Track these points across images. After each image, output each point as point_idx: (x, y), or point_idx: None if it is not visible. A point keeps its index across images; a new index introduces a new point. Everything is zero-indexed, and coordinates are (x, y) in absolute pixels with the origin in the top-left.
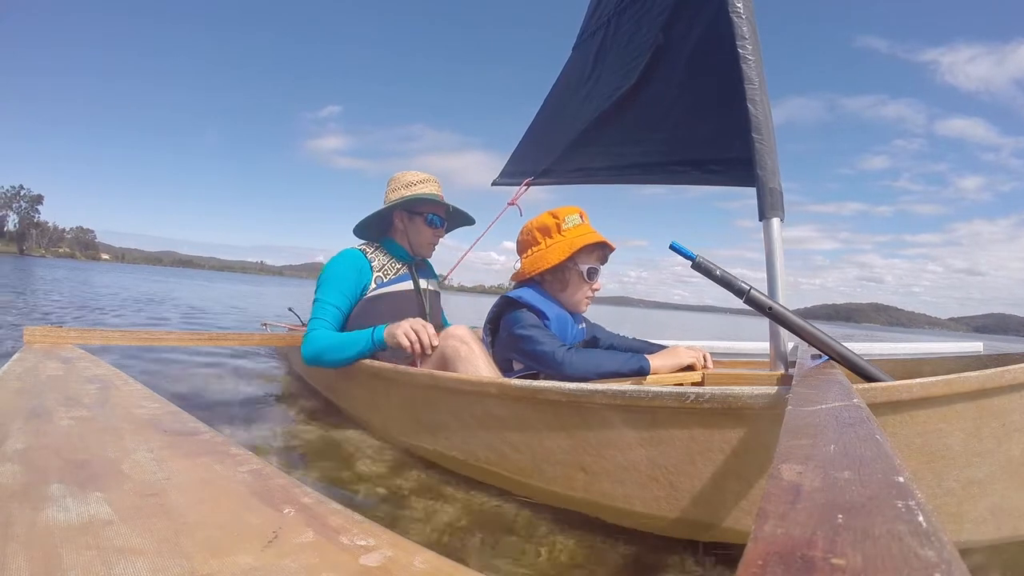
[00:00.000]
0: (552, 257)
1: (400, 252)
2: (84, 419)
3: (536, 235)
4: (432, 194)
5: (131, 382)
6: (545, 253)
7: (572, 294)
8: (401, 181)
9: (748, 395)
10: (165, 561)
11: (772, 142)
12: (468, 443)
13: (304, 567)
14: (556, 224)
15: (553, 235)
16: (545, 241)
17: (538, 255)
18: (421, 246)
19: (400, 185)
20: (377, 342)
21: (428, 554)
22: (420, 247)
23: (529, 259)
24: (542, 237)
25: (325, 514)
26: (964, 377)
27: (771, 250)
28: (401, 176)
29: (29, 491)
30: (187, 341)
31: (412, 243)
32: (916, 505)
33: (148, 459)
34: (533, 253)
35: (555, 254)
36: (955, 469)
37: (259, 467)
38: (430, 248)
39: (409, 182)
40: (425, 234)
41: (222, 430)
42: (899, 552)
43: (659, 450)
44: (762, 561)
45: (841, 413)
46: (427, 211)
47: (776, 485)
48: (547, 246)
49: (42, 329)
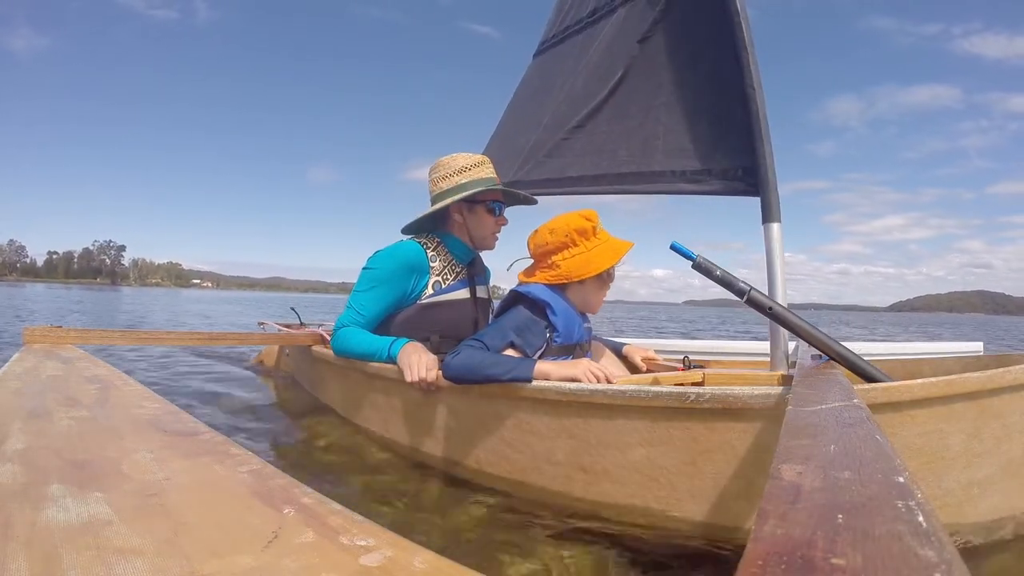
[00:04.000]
0: (602, 262)
1: (461, 249)
2: (84, 419)
3: (575, 237)
4: (490, 178)
5: (131, 382)
6: (590, 256)
7: (595, 296)
8: (451, 167)
9: (748, 395)
10: (165, 561)
11: (772, 150)
12: (468, 443)
13: (304, 567)
14: (592, 227)
15: (589, 238)
16: (585, 244)
17: (582, 259)
18: (485, 239)
19: (451, 171)
20: (392, 358)
21: (428, 554)
22: (484, 240)
23: (571, 261)
24: (581, 239)
25: (325, 514)
26: (964, 378)
27: (771, 253)
28: (450, 161)
29: (29, 491)
30: (186, 341)
31: (474, 236)
32: (916, 505)
33: (148, 459)
34: (573, 256)
35: (603, 259)
36: (955, 469)
37: (259, 467)
38: (494, 239)
39: (461, 167)
40: (488, 225)
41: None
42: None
43: (659, 450)
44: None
45: (841, 413)
46: (489, 199)
47: (776, 485)
48: (589, 249)
49: (42, 329)
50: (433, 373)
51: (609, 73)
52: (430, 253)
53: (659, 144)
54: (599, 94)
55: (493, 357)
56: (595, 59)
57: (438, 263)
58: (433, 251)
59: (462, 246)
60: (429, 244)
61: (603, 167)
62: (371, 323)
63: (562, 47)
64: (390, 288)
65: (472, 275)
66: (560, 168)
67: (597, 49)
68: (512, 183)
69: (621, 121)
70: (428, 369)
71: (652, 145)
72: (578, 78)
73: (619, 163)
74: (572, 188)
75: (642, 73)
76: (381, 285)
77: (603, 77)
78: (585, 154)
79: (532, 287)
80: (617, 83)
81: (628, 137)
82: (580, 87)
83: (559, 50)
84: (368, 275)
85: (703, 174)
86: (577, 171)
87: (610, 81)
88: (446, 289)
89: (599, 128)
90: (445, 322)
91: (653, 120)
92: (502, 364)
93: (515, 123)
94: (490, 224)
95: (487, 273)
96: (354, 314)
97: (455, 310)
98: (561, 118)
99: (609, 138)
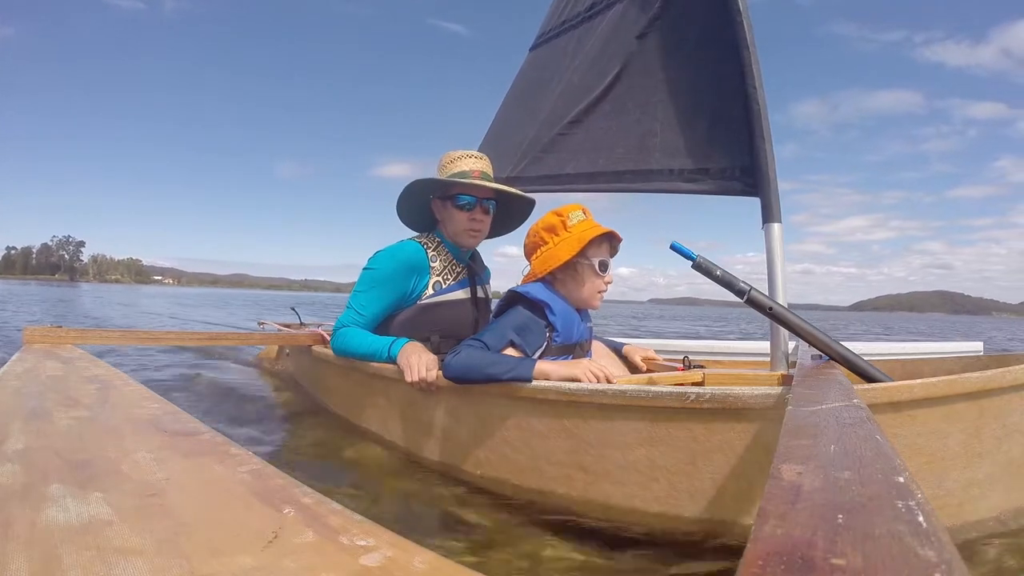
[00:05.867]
0: (562, 253)
1: (454, 249)
2: (84, 419)
3: (543, 235)
4: (462, 171)
5: (131, 382)
6: (554, 251)
7: (586, 289)
8: (442, 162)
9: (748, 395)
10: (165, 561)
11: (773, 150)
12: (468, 443)
13: (304, 567)
14: (561, 221)
15: (559, 232)
16: (552, 239)
17: (548, 254)
18: (458, 235)
19: (441, 166)
20: (392, 358)
21: (428, 554)
22: (457, 236)
23: (539, 259)
24: (549, 236)
25: (325, 514)
26: (965, 378)
27: (772, 253)
28: (445, 155)
29: (29, 491)
30: (186, 341)
31: (448, 232)
32: (916, 505)
33: (148, 459)
34: (542, 253)
35: (564, 250)
36: (955, 469)
37: (259, 467)
38: (467, 236)
39: (448, 160)
40: (459, 220)
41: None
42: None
43: (659, 450)
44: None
45: (841, 413)
46: (456, 192)
47: (776, 485)
48: (555, 244)
49: (42, 329)
50: (433, 373)
51: (607, 68)
52: (431, 253)
53: (656, 142)
54: (596, 89)
55: (493, 357)
56: (593, 53)
57: (438, 263)
58: (434, 251)
59: (451, 244)
60: (430, 244)
61: (600, 164)
62: (371, 323)
63: (559, 40)
64: (390, 288)
65: (472, 275)
66: (557, 164)
67: (595, 44)
68: (509, 180)
69: (619, 117)
70: (428, 369)
71: (649, 143)
72: (575, 73)
73: (616, 160)
74: (569, 186)
75: (640, 69)
76: (381, 285)
77: (601, 72)
78: (582, 150)
79: (530, 287)
80: (615, 78)
81: (626, 134)
82: (577, 82)
83: (556, 43)
84: (368, 275)
85: (700, 173)
86: (574, 168)
87: (607, 76)
88: (446, 289)
89: (596, 124)
90: (445, 322)
91: (651, 117)
92: (502, 364)
93: (511, 118)
94: (461, 220)
95: (487, 273)
96: (354, 314)
97: (455, 310)
98: (558, 113)
99: (607, 134)
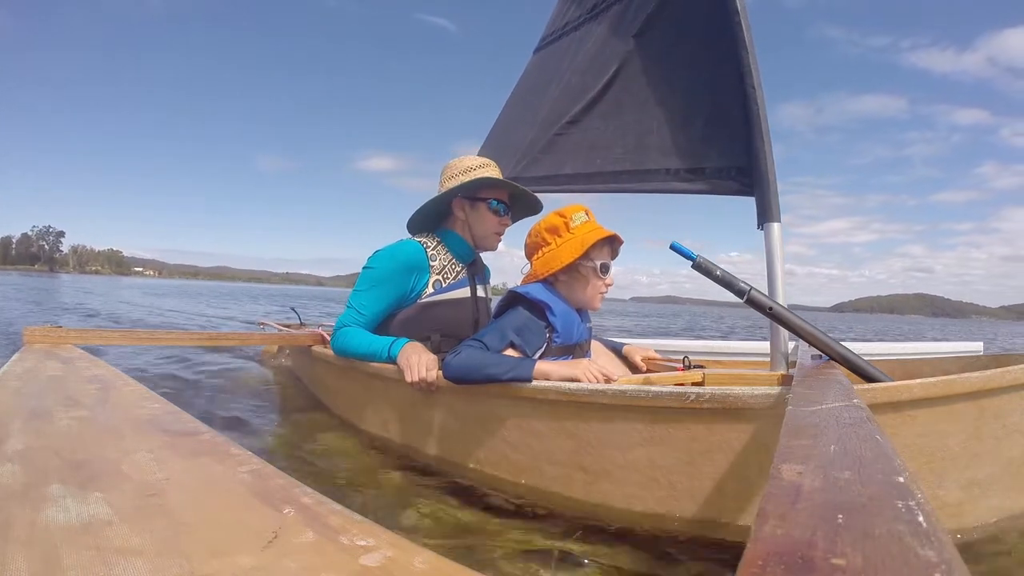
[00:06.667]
0: (565, 256)
1: (462, 247)
2: (84, 419)
3: (545, 236)
4: (495, 177)
5: (131, 382)
6: (557, 252)
7: (587, 291)
8: (458, 167)
9: (748, 395)
10: (165, 561)
11: (772, 151)
12: (468, 443)
13: (304, 567)
14: (564, 223)
15: (562, 234)
16: (555, 240)
17: (550, 255)
18: (485, 237)
19: (458, 171)
20: (392, 358)
21: (428, 554)
22: (484, 239)
23: (541, 260)
24: (552, 237)
25: (325, 514)
26: (964, 378)
27: (772, 253)
28: (458, 162)
29: (29, 491)
30: (186, 341)
31: (475, 234)
32: (916, 505)
33: (148, 459)
34: (544, 254)
35: (567, 252)
36: (955, 469)
37: (259, 467)
38: (495, 239)
39: (467, 167)
40: (489, 222)
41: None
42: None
43: (659, 450)
44: (762, 561)
45: (841, 413)
46: (491, 196)
47: (776, 485)
48: (558, 245)
49: (42, 329)
50: (433, 373)
51: (604, 68)
52: (430, 252)
53: (653, 141)
54: (593, 88)
55: (493, 357)
56: (591, 53)
57: (438, 262)
58: (433, 250)
59: (463, 244)
60: (429, 243)
61: (598, 164)
62: (371, 323)
63: (561, 43)
64: (390, 288)
65: (472, 274)
66: (555, 165)
67: (593, 43)
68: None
69: (616, 117)
70: (428, 369)
71: (646, 142)
72: (574, 74)
73: (614, 160)
74: (567, 186)
75: (637, 69)
76: (381, 285)
77: (598, 72)
78: (580, 150)
79: (530, 287)
80: (612, 77)
81: (623, 133)
82: (575, 82)
83: (558, 45)
84: (368, 275)
85: (696, 173)
86: (572, 168)
87: (604, 75)
88: (446, 288)
89: (593, 124)
90: (445, 321)
91: (648, 116)
92: (502, 364)
93: (512, 119)
94: (492, 223)
95: (487, 272)
96: (354, 314)
97: (455, 309)
98: (556, 114)
99: (604, 134)
